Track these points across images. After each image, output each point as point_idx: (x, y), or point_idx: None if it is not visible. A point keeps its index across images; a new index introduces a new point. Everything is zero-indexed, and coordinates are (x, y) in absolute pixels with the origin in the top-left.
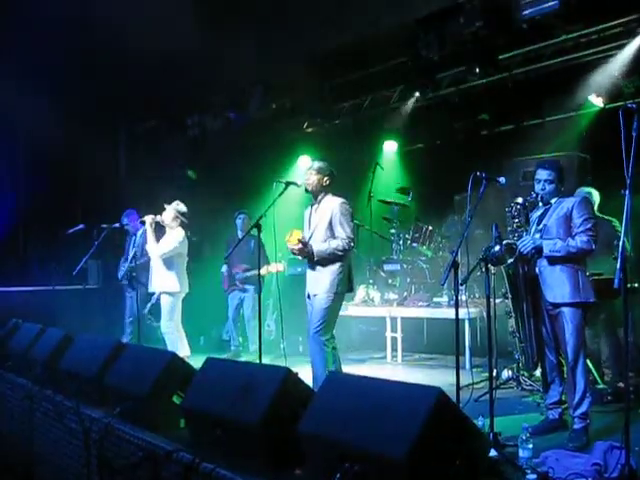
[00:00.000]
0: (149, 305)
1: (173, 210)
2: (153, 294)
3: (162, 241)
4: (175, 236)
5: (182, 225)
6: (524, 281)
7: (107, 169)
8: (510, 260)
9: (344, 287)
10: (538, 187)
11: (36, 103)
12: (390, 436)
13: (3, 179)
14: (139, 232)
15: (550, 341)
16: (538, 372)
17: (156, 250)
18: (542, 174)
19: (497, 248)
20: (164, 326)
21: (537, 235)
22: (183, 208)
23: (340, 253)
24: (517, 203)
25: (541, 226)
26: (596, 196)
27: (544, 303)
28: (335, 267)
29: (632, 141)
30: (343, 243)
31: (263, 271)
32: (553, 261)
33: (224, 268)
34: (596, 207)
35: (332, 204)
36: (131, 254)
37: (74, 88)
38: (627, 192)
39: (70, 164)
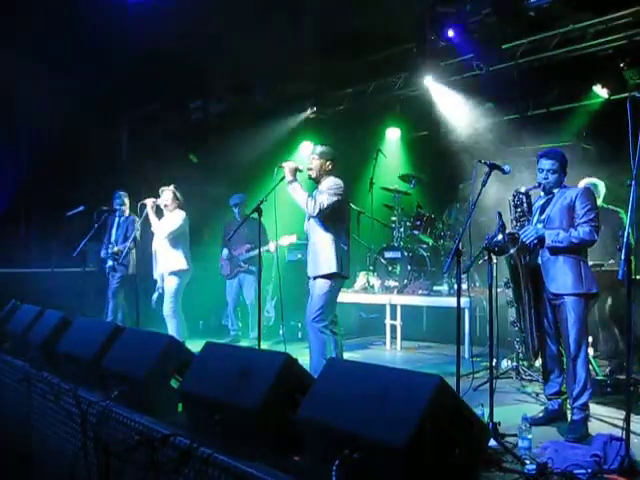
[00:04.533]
0: (156, 295)
1: (172, 192)
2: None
3: (164, 222)
4: (178, 216)
5: (180, 207)
6: (525, 271)
7: (109, 152)
8: (512, 250)
9: (339, 266)
10: (541, 177)
11: (38, 86)
12: (390, 423)
13: (5, 161)
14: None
15: (551, 331)
16: (538, 362)
17: (163, 231)
18: (545, 164)
19: (500, 237)
20: (167, 309)
21: (540, 225)
22: (178, 191)
23: (302, 203)
24: (520, 192)
25: (544, 216)
26: (602, 188)
27: (546, 293)
28: (328, 246)
29: (639, 131)
30: (313, 203)
31: (272, 247)
32: (555, 252)
33: (225, 252)
34: (602, 199)
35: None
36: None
37: (77, 72)
38: (633, 182)
39: (72, 147)
